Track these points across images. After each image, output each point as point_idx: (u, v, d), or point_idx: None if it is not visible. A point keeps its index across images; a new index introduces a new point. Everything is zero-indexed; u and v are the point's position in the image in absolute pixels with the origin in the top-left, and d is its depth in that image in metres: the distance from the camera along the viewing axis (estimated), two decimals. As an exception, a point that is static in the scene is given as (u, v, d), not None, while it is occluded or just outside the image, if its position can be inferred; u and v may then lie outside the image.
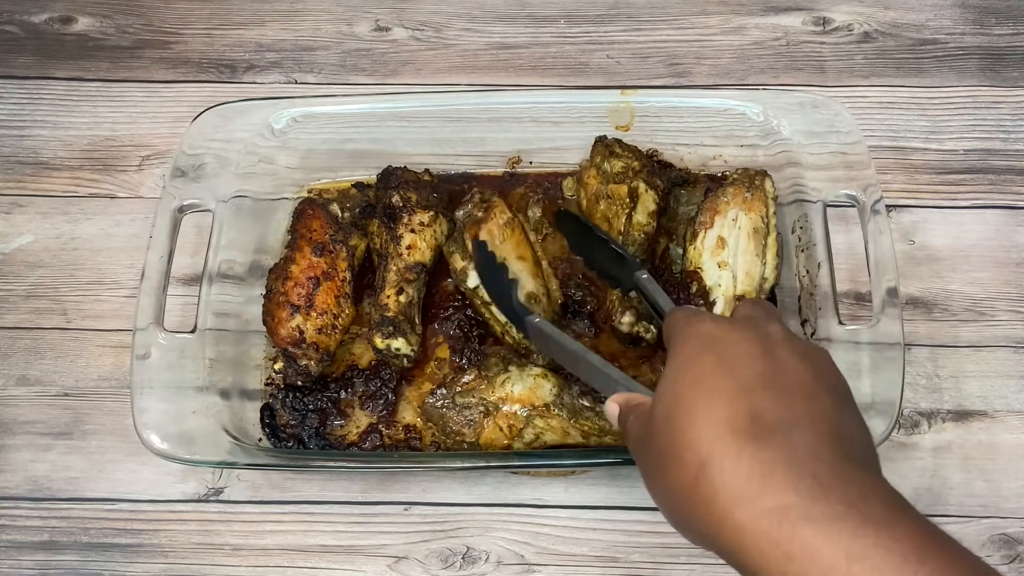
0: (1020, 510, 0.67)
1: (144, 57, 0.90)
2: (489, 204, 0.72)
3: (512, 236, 0.71)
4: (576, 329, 0.72)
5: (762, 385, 0.44)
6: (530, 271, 0.71)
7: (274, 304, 0.70)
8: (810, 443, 0.41)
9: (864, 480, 0.40)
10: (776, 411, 0.43)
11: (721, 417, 0.42)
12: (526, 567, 0.66)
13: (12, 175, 0.83)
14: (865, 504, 0.39)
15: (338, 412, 0.70)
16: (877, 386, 0.63)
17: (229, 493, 0.69)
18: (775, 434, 0.41)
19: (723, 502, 0.41)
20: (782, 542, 0.39)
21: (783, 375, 0.45)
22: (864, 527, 0.38)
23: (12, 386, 0.74)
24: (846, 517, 0.38)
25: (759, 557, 0.39)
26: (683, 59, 0.89)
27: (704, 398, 0.44)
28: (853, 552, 0.37)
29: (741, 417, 0.42)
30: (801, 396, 0.44)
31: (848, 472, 0.40)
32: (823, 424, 0.42)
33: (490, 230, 0.71)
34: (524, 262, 0.71)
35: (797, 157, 0.73)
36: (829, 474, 0.40)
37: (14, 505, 0.69)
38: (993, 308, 0.75)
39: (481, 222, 0.71)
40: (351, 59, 0.90)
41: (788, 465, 0.40)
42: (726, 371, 0.45)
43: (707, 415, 0.43)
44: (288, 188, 0.78)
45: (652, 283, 0.64)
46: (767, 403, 0.43)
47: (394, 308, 0.70)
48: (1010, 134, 0.83)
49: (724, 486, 0.41)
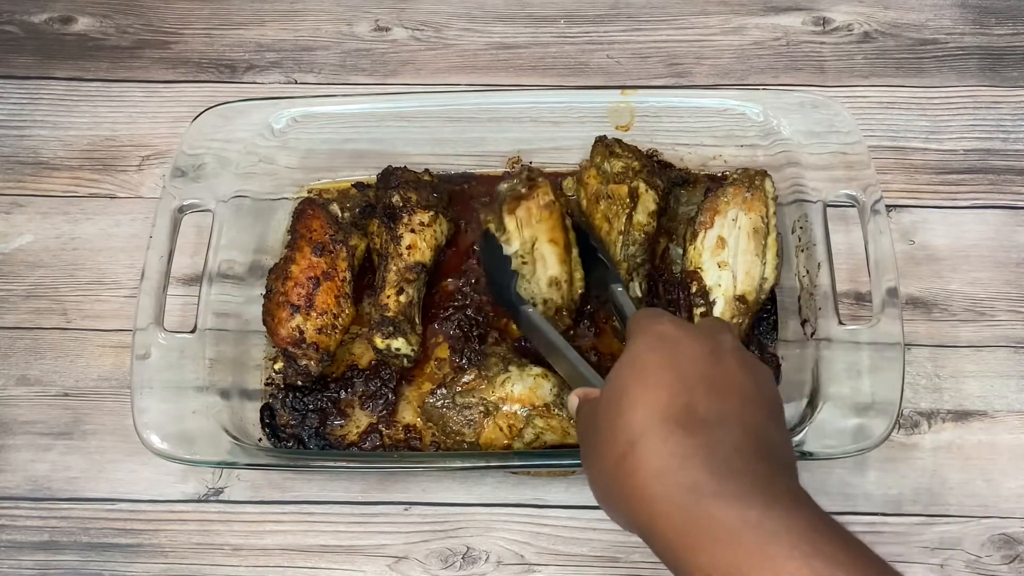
0: (1020, 510, 0.67)
1: (144, 57, 0.90)
2: (534, 183, 0.73)
3: (549, 219, 0.72)
4: (576, 329, 0.72)
5: (703, 384, 0.47)
6: (558, 256, 0.71)
7: (274, 304, 0.70)
8: (734, 439, 0.45)
9: (775, 476, 0.44)
10: (710, 408, 0.46)
11: (658, 406, 0.46)
12: (526, 567, 0.66)
13: (12, 175, 0.83)
14: (772, 490, 0.43)
15: (338, 412, 0.70)
16: (877, 386, 0.63)
17: (229, 493, 0.69)
18: (703, 427, 0.45)
19: (643, 476, 0.44)
20: (689, 512, 0.42)
21: (724, 379, 0.48)
22: (766, 506, 0.41)
23: (12, 386, 0.74)
24: (751, 496, 0.42)
25: (667, 527, 0.43)
26: (683, 59, 0.89)
27: (647, 389, 0.47)
28: (751, 519, 0.41)
29: (676, 408, 0.46)
30: (737, 399, 0.47)
31: (763, 468, 0.44)
32: (750, 427, 0.46)
33: (528, 208, 0.72)
34: (555, 246, 0.71)
35: (797, 157, 0.73)
36: (744, 465, 0.44)
37: (14, 505, 0.69)
38: (993, 308, 0.75)
39: (522, 198, 0.72)
40: (351, 59, 0.90)
41: (708, 451, 0.44)
42: (673, 367, 0.48)
43: (646, 403, 0.46)
44: (288, 188, 0.78)
45: (624, 296, 0.67)
46: (703, 400, 0.46)
47: (394, 308, 0.70)
48: (1010, 134, 0.83)
49: (647, 462, 0.44)
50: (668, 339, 0.50)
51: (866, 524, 0.67)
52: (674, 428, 0.45)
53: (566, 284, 0.70)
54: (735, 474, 0.43)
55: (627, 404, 0.47)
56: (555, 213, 0.72)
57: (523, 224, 0.71)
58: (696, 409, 0.46)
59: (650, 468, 0.44)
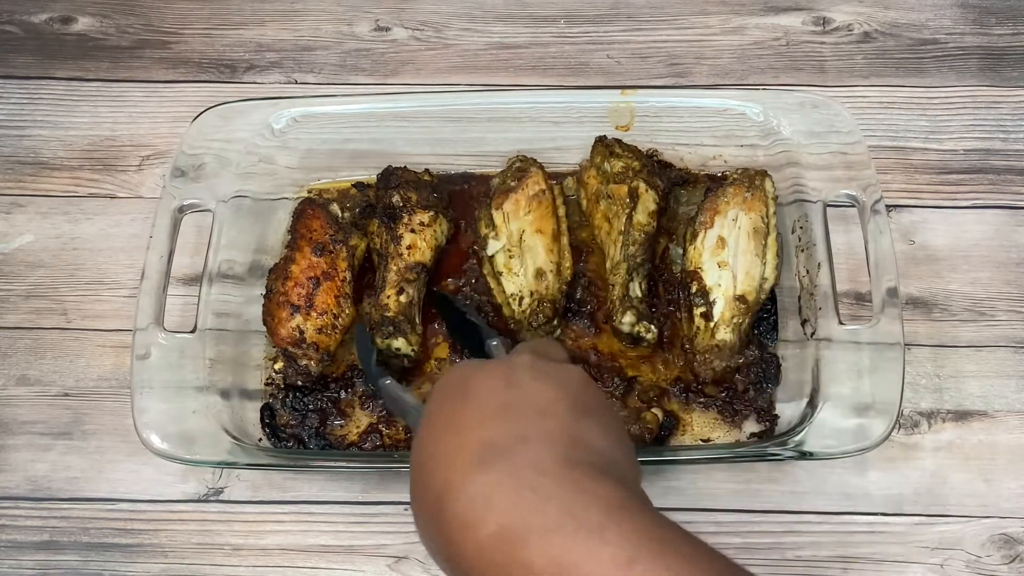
0: (1020, 510, 0.67)
1: (144, 57, 0.90)
2: (524, 173, 0.73)
3: (537, 209, 0.72)
4: (576, 329, 0.73)
5: (499, 414, 0.45)
6: (545, 246, 0.71)
7: (274, 304, 0.70)
8: (535, 458, 0.42)
9: (588, 486, 0.41)
10: (508, 433, 0.44)
11: (455, 452, 0.43)
12: (526, 567, 0.66)
13: (12, 175, 0.83)
14: (583, 511, 0.39)
15: (338, 412, 0.70)
16: (877, 386, 0.63)
17: (229, 493, 0.69)
18: (504, 456, 0.42)
19: (455, 533, 0.41)
20: (503, 566, 0.39)
21: (521, 399, 0.46)
22: (576, 534, 0.38)
23: (12, 386, 0.74)
24: (561, 527, 0.39)
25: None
26: (683, 59, 0.89)
27: (444, 439, 0.45)
28: (562, 559, 0.38)
29: (472, 447, 0.43)
30: (535, 415, 0.45)
31: (574, 479, 0.41)
32: (555, 436, 0.43)
33: (516, 200, 0.72)
34: (541, 235, 0.71)
35: (797, 157, 0.73)
36: (552, 484, 0.41)
37: (14, 505, 0.69)
38: (993, 308, 0.75)
39: (510, 191, 0.72)
40: (351, 59, 0.90)
41: (509, 483, 0.41)
42: (466, 407, 0.46)
43: (445, 454, 0.44)
44: (288, 188, 0.78)
45: (499, 349, 0.63)
46: (500, 428, 0.44)
47: (394, 308, 0.70)
48: (1010, 134, 0.83)
49: (454, 516, 0.41)
50: (462, 383, 0.48)
51: (866, 524, 0.67)
52: (473, 470, 0.42)
53: (552, 274, 0.70)
54: (541, 501, 0.40)
55: (429, 460, 0.45)
56: (544, 203, 0.72)
57: (510, 218, 0.72)
58: (494, 441, 0.43)
59: (458, 523, 0.41)
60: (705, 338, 0.69)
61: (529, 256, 0.71)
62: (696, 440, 0.68)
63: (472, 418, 0.45)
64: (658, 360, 0.71)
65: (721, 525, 0.67)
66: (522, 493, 0.40)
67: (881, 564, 0.66)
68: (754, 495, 0.68)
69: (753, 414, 0.69)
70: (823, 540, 0.66)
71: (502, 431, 0.44)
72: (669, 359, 0.71)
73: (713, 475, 0.69)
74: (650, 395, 0.69)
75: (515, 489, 0.41)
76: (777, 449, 0.62)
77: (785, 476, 0.68)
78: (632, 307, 0.69)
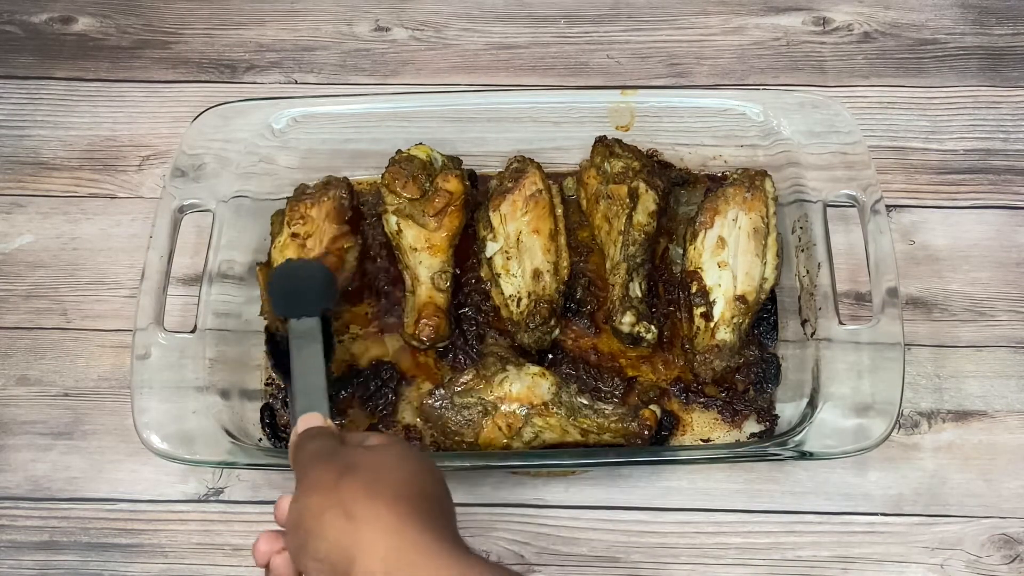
0: (1020, 510, 0.67)
1: (144, 57, 0.90)
2: (521, 173, 0.73)
3: (534, 209, 0.72)
4: (576, 329, 0.73)
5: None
6: (542, 246, 0.71)
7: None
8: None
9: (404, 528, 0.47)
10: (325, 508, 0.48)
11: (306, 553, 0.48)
12: (526, 567, 0.66)
13: (12, 175, 0.83)
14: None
15: (338, 412, 0.70)
16: (877, 386, 0.63)
17: (229, 493, 0.69)
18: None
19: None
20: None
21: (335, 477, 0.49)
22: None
23: (12, 386, 0.74)
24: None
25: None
26: (683, 59, 0.89)
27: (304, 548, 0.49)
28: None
29: (295, 546, 0.49)
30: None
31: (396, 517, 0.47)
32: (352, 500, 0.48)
33: (513, 201, 0.72)
34: (537, 236, 0.71)
35: (797, 157, 0.73)
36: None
37: (14, 505, 0.69)
38: (993, 308, 0.75)
39: (507, 192, 0.73)
40: (351, 59, 0.90)
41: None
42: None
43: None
44: (288, 188, 0.78)
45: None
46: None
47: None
48: (1010, 134, 0.83)
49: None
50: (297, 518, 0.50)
51: (866, 524, 0.67)
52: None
53: (549, 274, 0.70)
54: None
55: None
56: (541, 202, 0.72)
57: (507, 219, 0.72)
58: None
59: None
60: (705, 338, 0.69)
61: (526, 256, 0.71)
62: (696, 440, 0.68)
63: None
64: (658, 360, 0.71)
65: (721, 525, 0.67)
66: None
67: (881, 564, 0.66)
68: (754, 495, 0.68)
69: (753, 414, 0.69)
70: (823, 540, 0.67)
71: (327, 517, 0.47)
72: (669, 359, 0.71)
73: (713, 475, 0.69)
74: (650, 395, 0.69)
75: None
76: (777, 449, 0.62)
77: (785, 476, 0.68)
78: (632, 307, 0.69)
